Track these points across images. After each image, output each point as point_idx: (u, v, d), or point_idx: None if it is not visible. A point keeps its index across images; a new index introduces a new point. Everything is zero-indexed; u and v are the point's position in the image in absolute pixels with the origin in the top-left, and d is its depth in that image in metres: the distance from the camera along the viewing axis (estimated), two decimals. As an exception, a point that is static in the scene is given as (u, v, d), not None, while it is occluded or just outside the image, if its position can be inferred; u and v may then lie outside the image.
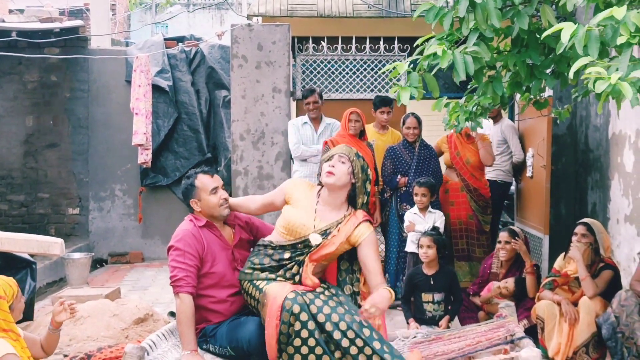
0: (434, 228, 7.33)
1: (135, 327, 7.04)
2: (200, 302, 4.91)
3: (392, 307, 7.88)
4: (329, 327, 4.48)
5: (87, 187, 11.87)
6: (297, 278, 4.83)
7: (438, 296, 6.80)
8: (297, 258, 4.88)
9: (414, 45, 5.18)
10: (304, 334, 4.47)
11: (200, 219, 5.09)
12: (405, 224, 7.83)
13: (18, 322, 5.44)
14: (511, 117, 10.44)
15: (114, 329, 6.92)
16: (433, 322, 6.72)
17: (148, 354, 4.64)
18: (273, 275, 4.84)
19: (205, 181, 5.07)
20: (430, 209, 7.81)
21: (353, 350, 4.45)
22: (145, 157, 11.01)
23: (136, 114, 10.83)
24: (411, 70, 4.93)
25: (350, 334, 4.47)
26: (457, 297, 6.90)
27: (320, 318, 4.51)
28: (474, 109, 5.78)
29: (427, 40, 5.02)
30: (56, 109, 11.78)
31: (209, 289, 4.98)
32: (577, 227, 6.53)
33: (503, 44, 5.18)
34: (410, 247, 7.78)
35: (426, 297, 6.83)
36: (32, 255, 7.26)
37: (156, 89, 11.50)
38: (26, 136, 11.77)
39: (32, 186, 11.81)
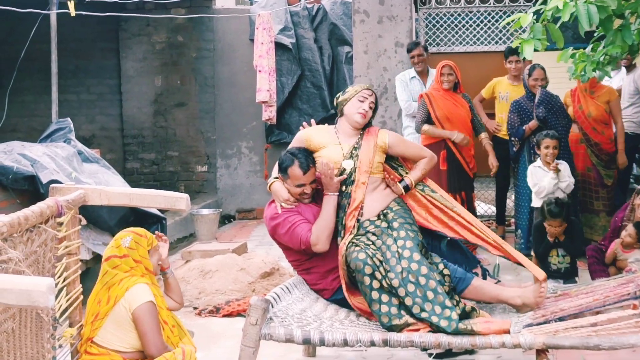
0: (557, 200, 7.08)
1: (261, 281, 7.20)
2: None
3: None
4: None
5: (214, 145, 12.13)
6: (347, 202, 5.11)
7: (562, 249, 6.68)
8: (347, 191, 5.15)
9: (538, -6, 5.04)
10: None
11: None
12: (529, 178, 7.64)
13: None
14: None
15: (241, 282, 7.10)
16: (558, 275, 6.60)
17: (272, 307, 4.73)
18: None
19: (297, 174, 5.21)
20: (558, 161, 7.59)
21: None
22: (269, 114, 11.16)
23: (259, 71, 10.96)
24: (534, 22, 4.80)
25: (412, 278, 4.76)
26: (578, 244, 6.82)
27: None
28: (602, 58, 5.59)
29: (552, -12, 4.87)
30: (183, 69, 12.06)
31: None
32: None
33: (632, -10, 4.99)
34: (536, 203, 7.61)
35: (551, 250, 6.73)
36: (162, 212, 7.51)
37: (279, 46, 11.59)
38: (155, 96, 12.10)
39: (162, 144, 12.16)
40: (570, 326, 4.58)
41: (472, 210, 8.00)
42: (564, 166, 7.55)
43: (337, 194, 5.13)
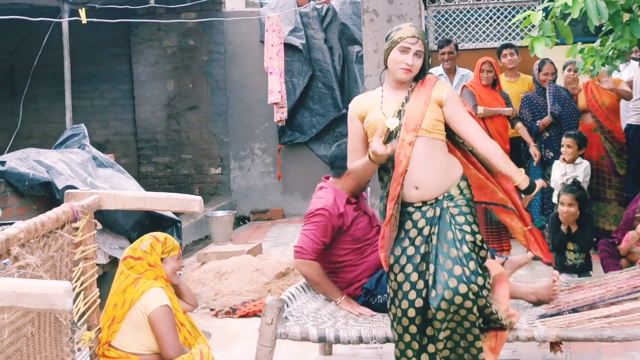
0: (574, 182, 7.17)
1: (277, 281, 7.24)
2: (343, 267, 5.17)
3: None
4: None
5: (227, 147, 12.18)
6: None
7: (576, 244, 6.70)
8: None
9: (546, -10, 5.06)
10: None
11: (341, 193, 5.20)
12: (552, 177, 7.68)
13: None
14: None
15: (256, 283, 7.15)
16: (574, 270, 6.63)
17: (287, 306, 4.78)
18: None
19: None
20: (578, 159, 7.63)
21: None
22: (281, 115, 11.21)
23: (270, 73, 11.01)
24: (544, 19, 4.82)
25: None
26: (588, 236, 6.85)
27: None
28: (610, 52, 5.61)
29: (560, -17, 4.89)
30: (195, 72, 12.12)
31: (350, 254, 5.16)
32: None
33: (639, -16, 5.00)
34: (554, 198, 7.64)
35: (568, 245, 6.75)
36: (177, 215, 7.57)
37: (290, 47, 11.64)
38: (168, 100, 12.17)
39: (176, 148, 12.23)
40: (584, 318, 4.60)
41: None
42: (581, 165, 7.60)
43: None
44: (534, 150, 8.20)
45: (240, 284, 7.11)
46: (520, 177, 4.44)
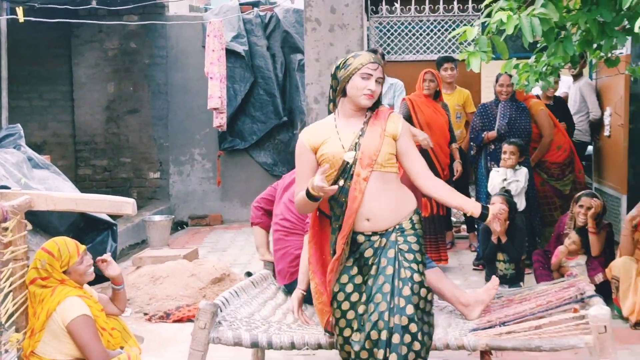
0: (506, 190, 7.32)
1: (212, 287, 7.23)
2: None
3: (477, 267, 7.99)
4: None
5: (167, 152, 12.12)
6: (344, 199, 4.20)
7: (506, 254, 6.82)
8: (344, 186, 4.23)
9: (483, 4, 5.14)
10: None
11: None
12: (490, 182, 7.78)
13: (98, 283, 5.67)
14: (591, 76, 10.26)
15: (192, 288, 7.13)
16: (504, 280, 6.72)
17: (221, 311, 4.77)
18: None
19: None
20: (517, 166, 7.73)
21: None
22: (220, 120, 11.18)
23: (211, 78, 10.98)
24: (480, 34, 4.90)
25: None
26: (518, 247, 6.94)
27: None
28: (544, 68, 5.72)
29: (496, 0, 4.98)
30: (136, 75, 12.04)
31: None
32: None
33: (572, 2, 5.11)
34: None
35: (498, 255, 6.86)
36: (114, 218, 7.51)
37: (232, 53, 11.64)
38: (108, 102, 12.07)
39: (115, 151, 12.13)
40: (514, 329, 4.68)
41: (445, 213, 8.39)
42: (521, 171, 7.71)
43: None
44: (457, 165, 8.30)
45: (175, 288, 7.07)
46: (470, 207, 4.41)
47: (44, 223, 6.68)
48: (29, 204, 4.08)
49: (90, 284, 4.64)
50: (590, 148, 9.73)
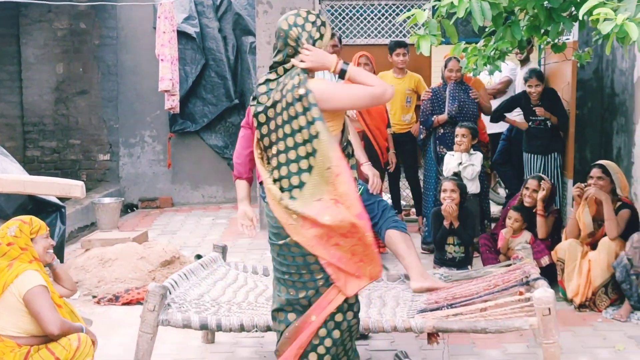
0: (455, 174, 7.42)
1: (161, 269, 7.22)
2: None
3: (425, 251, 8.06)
4: None
5: (117, 134, 12.01)
6: None
7: (457, 238, 6.90)
8: None
9: (434, -12, 5.18)
10: None
11: None
12: (445, 166, 7.86)
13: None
14: (540, 62, 10.37)
15: (141, 271, 7.11)
16: (453, 263, 6.82)
17: (170, 293, 4.79)
18: None
19: None
20: (472, 150, 7.83)
21: None
22: (171, 103, 11.11)
23: (162, 60, 10.90)
24: (429, 19, 4.94)
25: None
26: (469, 231, 7.08)
27: None
28: (492, 53, 5.80)
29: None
30: (86, 56, 11.89)
31: None
32: (592, 170, 6.55)
33: (521, -12, 5.17)
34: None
35: (448, 239, 6.94)
36: (62, 200, 7.44)
37: (183, 35, 11.56)
38: (57, 83, 11.91)
39: (64, 133, 11.98)
40: (461, 312, 4.78)
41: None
42: (476, 155, 7.80)
43: None
44: (391, 157, 8.40)
45: (124, 271, 7.05)
46: None
47: (-10, 205, 6.61)
48: (-26, 186, 4.06)
49: None
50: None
